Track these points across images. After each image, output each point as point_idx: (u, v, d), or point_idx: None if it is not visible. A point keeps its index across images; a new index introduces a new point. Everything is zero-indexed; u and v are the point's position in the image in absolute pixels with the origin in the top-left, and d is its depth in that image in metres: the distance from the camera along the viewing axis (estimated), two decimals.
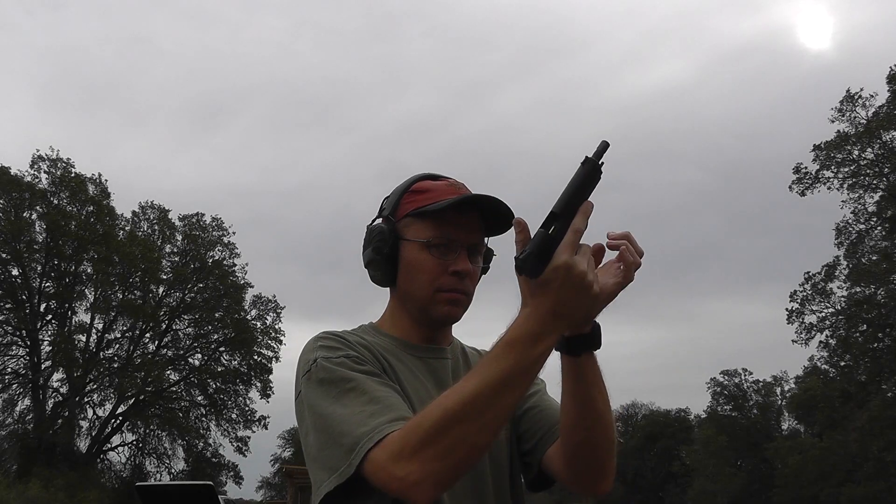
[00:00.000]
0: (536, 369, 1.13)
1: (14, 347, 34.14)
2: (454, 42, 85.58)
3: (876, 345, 29.52)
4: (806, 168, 29.92)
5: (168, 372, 36.53)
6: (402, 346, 1.44)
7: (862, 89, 29.09)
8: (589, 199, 1.15)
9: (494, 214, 1.43)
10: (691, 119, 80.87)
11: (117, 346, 36.41)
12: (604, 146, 1.18)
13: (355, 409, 1.23)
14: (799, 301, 31.54)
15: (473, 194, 1.43)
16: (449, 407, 1.12)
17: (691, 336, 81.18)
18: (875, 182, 29.62)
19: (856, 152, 29.47)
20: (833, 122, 29.66)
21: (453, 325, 1.50)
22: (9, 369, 33.91)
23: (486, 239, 1.48)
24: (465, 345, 1.58)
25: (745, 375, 50.79)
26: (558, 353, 1.25)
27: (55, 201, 34.12)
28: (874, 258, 29.55)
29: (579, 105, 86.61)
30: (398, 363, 1.40)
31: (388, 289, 1.50)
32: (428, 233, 1.41)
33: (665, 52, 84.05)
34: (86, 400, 34.72)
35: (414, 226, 1.43)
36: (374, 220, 1.51)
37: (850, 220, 30.18)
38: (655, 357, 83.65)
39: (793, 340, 31.66)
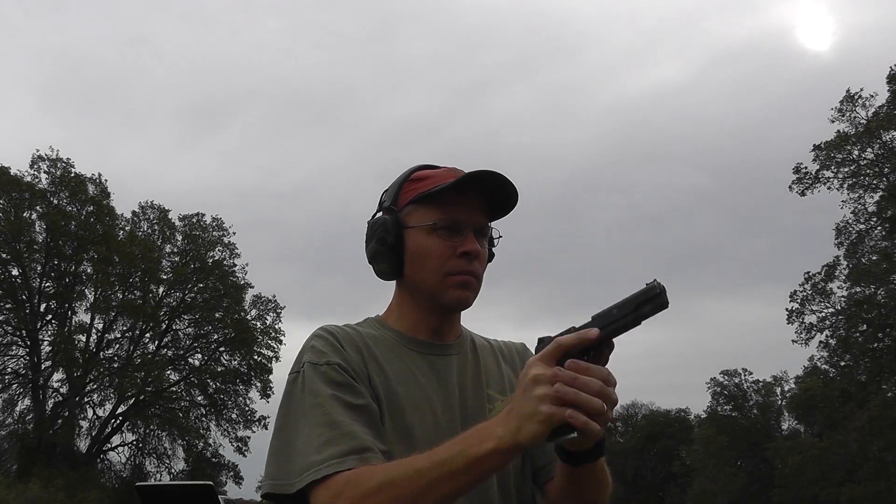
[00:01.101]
0: (479, 467, 1.12)
1: (14, 347, 34.14)
2: (453, 43, 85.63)
3: (876, 345, 29.51)
4: (806, 168, 29.93)
5: (168, 372, 36.52)
6: (406, 342, 1.43)
7: (862, 89, 29.09)
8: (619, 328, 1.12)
9: (498, 193, 1.41)
10: (690, 120, 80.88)
11: (117, 346, 36.43)
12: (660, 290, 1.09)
13: (315, 430, 1.26)
14: (799, 301, 31.54)
15: (476, 171, 1.40)
16: (393, 475, 1.16)
17: (691, 336, 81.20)
18: (875, 182, 29.61)
19: (856, 152, 29.46)
20: (833, 122, 29.65)
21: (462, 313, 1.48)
22: (9, 369, 33.91)
23: (491, 223, 1.47)
24: (477, 336, 1.55)
25: (745, 375, 50.79)
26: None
27: (55, 201, 34.10)
28: (874, 258, 29.55)
29: (578, 106, 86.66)
30: (397, 361, 1.39)
31: (392, 283, 1.49)
32: (433, 216, 1.40)
33: (663, 52, 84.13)
34: (86, 400, 34.72)
35: (417, 212, 1.42)
36: (374, 215, 1.49)
37: (850, 220, 30.19)
38: (655, 357, 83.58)
39: (793, 340, 31.67)
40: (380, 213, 1.48)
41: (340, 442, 1.23)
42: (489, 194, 1.42)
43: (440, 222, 1.39)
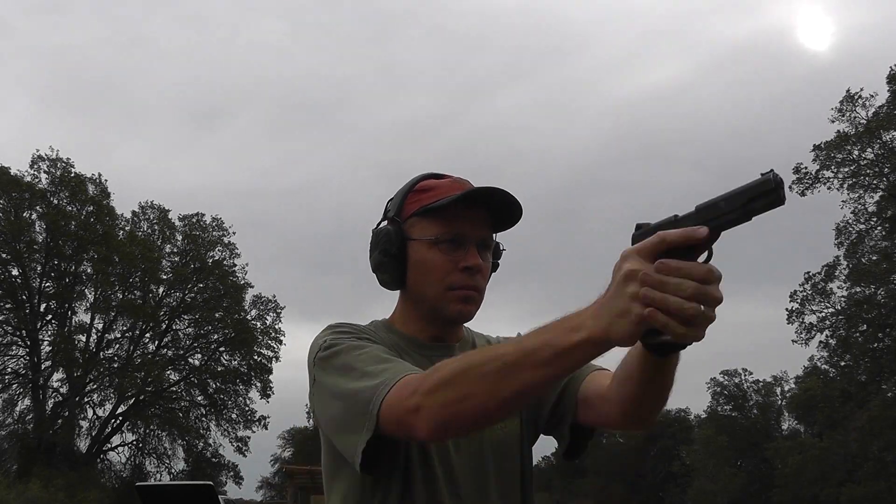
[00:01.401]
0: (567, 360, 1.07)
1: (14, 347, 34.15)
2: (451, 45, 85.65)
3: (876, 345, 29.52)
4: (806, 168, 29.93)
5: (168, 372, 36.53)
6: (412, 345, 1.45)
7: (862, 89, 29.09)
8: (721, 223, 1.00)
9: (502, 208, 1.42)
10: (689, 120, 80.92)
11: (117, 346, 36.44)
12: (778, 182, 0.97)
13: (368, 368, 1.27)
14: (799, 301, 31.55)
15: (480, 187, 1.41)
16: (473, 361, 1.14)
17: None
18: (875, 182, 29.62)
19: (856, 152, 29.46)
20: (833, 122, 29.65)
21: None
22: (9, 369, 33.92)
23: (494, 234, 1.47)
24: (478, 335, 1.57)
25: (745, 375, 50.79)
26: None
27: (55, 201, 34.10)
28: (874, 258, 29.55)
29: (577, 106, 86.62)
30: (408, 360, 1.41)
31: (397, 291, 1.50)
32: (435, 230, 1.40)
33: (662, 53, 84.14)
34: (86, 400, 34.73)
35: (420, 224, 1.42)
36: (378, 224, 1.50)
37: (850, 220, 30.20)
38: None
39: (793, 340, 31.68)
40: (384, 223, 1.48)
41: (398, 366, 1.27)
42: (493, 207, 1.42)
43: (442, 236, 1.40)
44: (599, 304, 1.04)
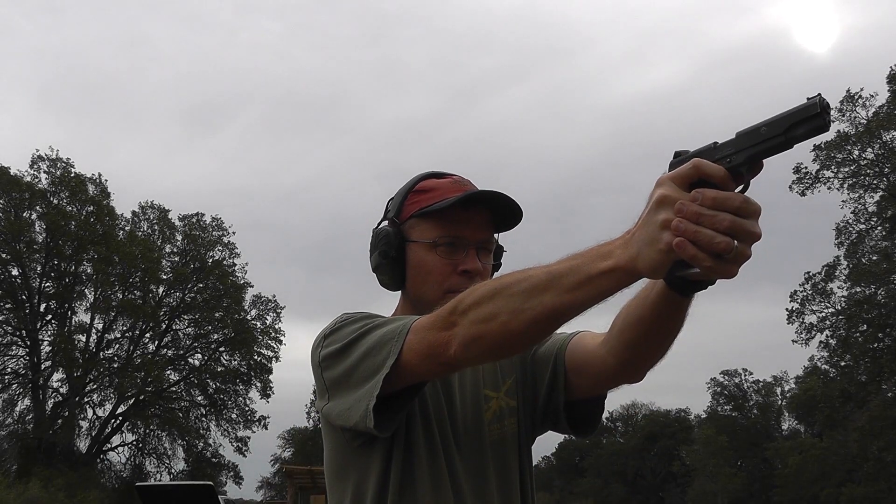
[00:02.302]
0: (593, 287, 1.03)
1: (14, 347, 34.14)
2: (450, 46, 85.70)
3: (876, 345, 29.50)
4: (806, 168, 29.92)
5: (168, 372, 36.53)
6: None
7: (862, 89, 29.08)
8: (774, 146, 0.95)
9: (503, 210, 1.41)
10: (687, 120, 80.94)
11: (117, 346, 36.43)
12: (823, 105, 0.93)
13: (384, 323, 1.28)
14: (799, 301, 31.54)
15: (478, 190, 1.41)
16: (504, 281, 1.12)
17: (691, 336, 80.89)
18: (875, 182, 29.61)
19: (856, 152, 29.46)
20: (833, 122, 29.63)
21: None
22: (9, 369, 33.90)
23: (496, 235, 1.46)
24: None
25: (745, 375, 50.83)
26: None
27: (55, 201, 34.08)
28: (874, 258, 29.55)
29: (576, 107, 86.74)
30: None
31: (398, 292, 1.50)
32: (434, 233, 1.40)
33: (661, 54, 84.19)
34: (86, 400, 34.72)
35: (419, 226, 1.41)
36: (379, 223, 1.49)
37: (850, 220, 30.18)
38: None
39: (793, 340, 31.66)
40: (384, 223, 1.47)
41: (410, 316, 1.27)
42: (494, 209, 1.41)
43: (440, 239, 1.39)
44: (631, 232, 1.00)
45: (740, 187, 0.98)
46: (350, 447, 1.37)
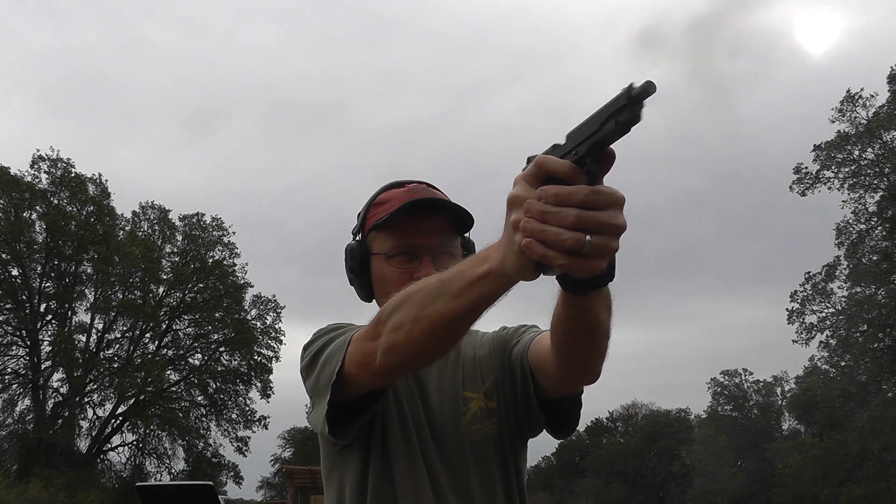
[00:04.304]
0: (475, 292, 1.03)
1: (14, 347, 34.11)
2: (448, 47, 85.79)
3: (876, 345, 29.50)
4: (806, 168, 29.92)
5: (168, 372, 36.50)
6: None
7: (862, 89, 29.11)
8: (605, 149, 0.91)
9: (454, 213, 1.42)
10: (685, 121, 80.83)
11: (117, 346, 36.41)
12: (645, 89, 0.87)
13: (336, 337, 1.34)
14: (799, 301, 31.55)
15: (410, 200, 1.41)
16: (410, 289, 1.14)
17: (691, 336, 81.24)
18: (875, 182, 29.61)
19: (856, 152, 29.46)
20: (833, 122, 29.65)
21: None
22: (9, 369, 33.89)
23: (467, 236, 1.48)
24: (473, 330, 1.53)
25: (745, 375, 50.83)
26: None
27: (55, 201, 34.07)
28: (874, 258, 29.54)
29: (573, 108, 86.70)
30: None
31: None
32: (388, 244, 1.42)
33: (658, 55, 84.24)
34: (86, 400, 34.70)
35: (377, 239, 1.44)
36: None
37: (850, 220, 30.19)
38: (655, 357, 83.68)
39: (793, 340, 31.69)
40: (353, 238, 1.51)
41: (355, 326, 1.34)
42: (448, 213, 1.42)
43: (392, 250, 1.42)
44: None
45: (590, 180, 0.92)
46: (333, 451, 1.43)
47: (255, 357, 37.82)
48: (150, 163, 64.13)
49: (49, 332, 34.49)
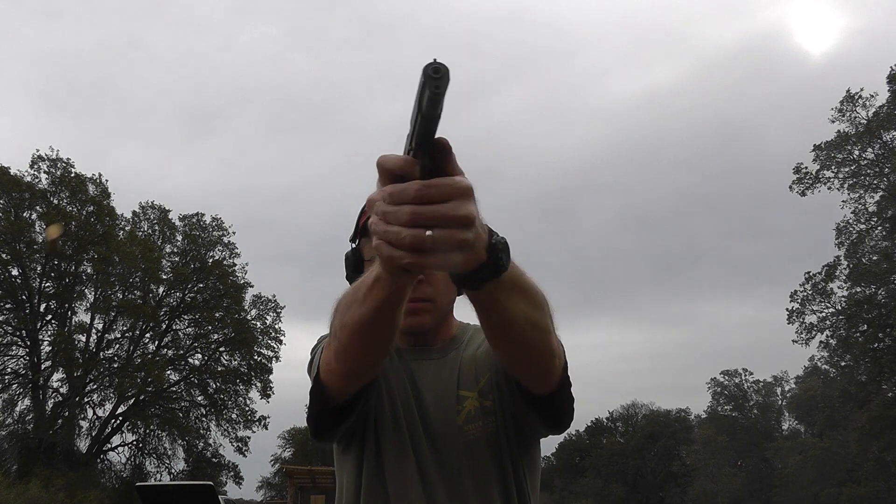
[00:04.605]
0: (373, 297, 1.06)
1: (14, 347, 34.10)
2: (446, 46, 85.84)
3: (876, 345, 29.50)
4: (806, 168, 29.92)
5: (168, 372, 36.49)
6: (395, 350, 1.50)
7: (862, 89, 29.11)
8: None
9: None
10: (683, 122, 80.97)
11: (117, 346, 36.40)
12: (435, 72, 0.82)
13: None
14: (799, 301, 31.53)
15: None
16: (338, 299, 1.20)
17: (692, 336, 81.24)
18: (875, 182, 29.61)
19: (856, 152, 29.46)
20: (833, 122, 29.66)
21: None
22: (9, 369, 33.88)
23: None
24: (476, 327, 1.52)
25: (745, 376, 50.87)
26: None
27: (55, 201, 34.07)
28: (874, 258, 29.54)
29: (571, 108, 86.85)
30: (389, 363, 1.47)
31: None
32: (371, 249, 1.43)
33: (656, 55, 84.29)
34: (86, 400, 34.69)
35: (367, 244, 1.44)
36: None
37: (850, 220, 30.19)
38: (656, 357, 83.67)
39: (793, 341, 31.67)
40: (350, 244, 1.54)
41: None
42: None
43: (374, 256, 1.43)
44: None
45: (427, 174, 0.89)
46: (338, 451, 1.49)
47: (255, 357, 37.81)
48: (150, 163, 64.21)
49: (49, 332, 34.50)
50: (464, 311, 1.46)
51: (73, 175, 34.20)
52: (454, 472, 1.40)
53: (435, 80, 0.81)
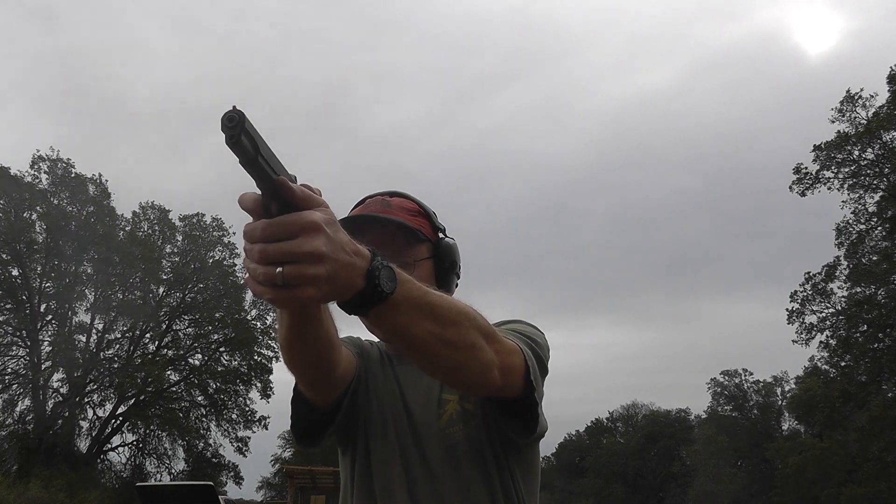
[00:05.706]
0: (282, 319, 1.16)
1: (14, 347, 34.10)
2: (445, 48, 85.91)
3: (876, 345, 29.49)
4: (806, 168, 29.90)
5: (168, 372, 36.49)
6: (387, 357, 1.55)
7: (862, 89, 29.08)
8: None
9: (394, 226, 1.45)
10: (681, 123, 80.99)
11: (117, 346, 36.39)
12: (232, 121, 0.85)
13: None
14: (799, 301, 31.51)
15: (348, 217, 1.47)
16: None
17: (691, 336, 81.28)
18: (875, 182, 29.59)
19: (856, 152, 29.44)
20: (833, 122, 29.65)
21: None
22: (9, 369, 33.87)
23: (426, 243, 1.50)
24: None
25: (745, 376, 50.89)
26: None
27: (55, 201, 34.07)
28: (874, 258, 29.53)
29: (569, 109, 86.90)
30: (378, 368, 1.52)
31: None
32: None
33: (655, 56, 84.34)
34: (86, 400, 34.69)
35: None
36: None
37: (850, 220, 30.17)
38: (656, 357, 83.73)
39: (793, 341, 31.64)
40: None
41: None
42: (390, 225, 1.45)
43: None
44: None
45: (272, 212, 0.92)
46: (340, 453, 1.54)
47: (255, 357, 37.83)
48: (150, 163, 64.21)
49: (49, 332, 34.50)
50: None
51: (73, 175, 34.21)
52: (438, 476, 1.40)
53: (229, 128, 0.86)
